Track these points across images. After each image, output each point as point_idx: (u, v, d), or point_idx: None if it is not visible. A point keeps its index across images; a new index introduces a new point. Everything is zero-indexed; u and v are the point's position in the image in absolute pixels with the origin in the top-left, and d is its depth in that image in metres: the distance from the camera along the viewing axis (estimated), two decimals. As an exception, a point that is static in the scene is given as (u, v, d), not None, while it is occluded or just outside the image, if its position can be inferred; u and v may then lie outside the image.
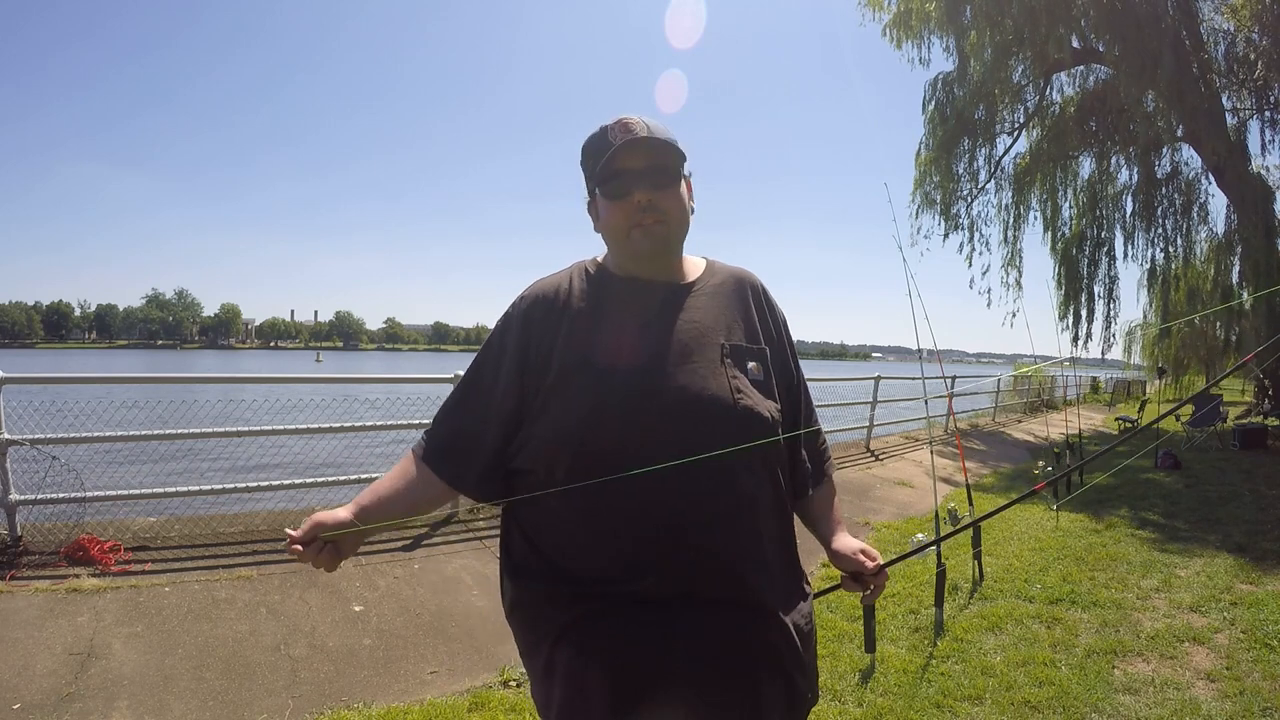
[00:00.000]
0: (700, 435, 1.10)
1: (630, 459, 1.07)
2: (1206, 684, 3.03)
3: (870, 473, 8.07)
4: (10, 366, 4.02)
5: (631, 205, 1.18)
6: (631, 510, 1.09)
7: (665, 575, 1.09)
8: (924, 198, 15.75)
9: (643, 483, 1.07)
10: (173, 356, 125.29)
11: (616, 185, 1.19)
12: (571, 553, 1.13)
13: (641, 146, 1.18)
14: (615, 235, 1.22)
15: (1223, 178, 13.49)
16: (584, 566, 1.12)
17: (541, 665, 1.14)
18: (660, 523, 1.08)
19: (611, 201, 1.20)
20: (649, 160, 1.19)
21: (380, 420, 5.36)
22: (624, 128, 1.19)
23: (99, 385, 4.80)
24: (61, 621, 3.09)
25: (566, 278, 1.27)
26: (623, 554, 1.09)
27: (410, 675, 3.07)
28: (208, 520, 4.45)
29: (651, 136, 1.18)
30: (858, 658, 3.22)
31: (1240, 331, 16.08)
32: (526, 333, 1.21)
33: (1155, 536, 5.56)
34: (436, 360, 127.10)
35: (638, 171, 1.18)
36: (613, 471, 1.07)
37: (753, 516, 1.15)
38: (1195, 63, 12.79)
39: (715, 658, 1.10)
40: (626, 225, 1.19)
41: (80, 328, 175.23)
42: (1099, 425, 16.37)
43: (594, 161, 1.21)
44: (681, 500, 1.09)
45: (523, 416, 1.18)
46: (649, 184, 1.18)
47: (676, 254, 1.28)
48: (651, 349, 1.17)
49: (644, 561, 1.08)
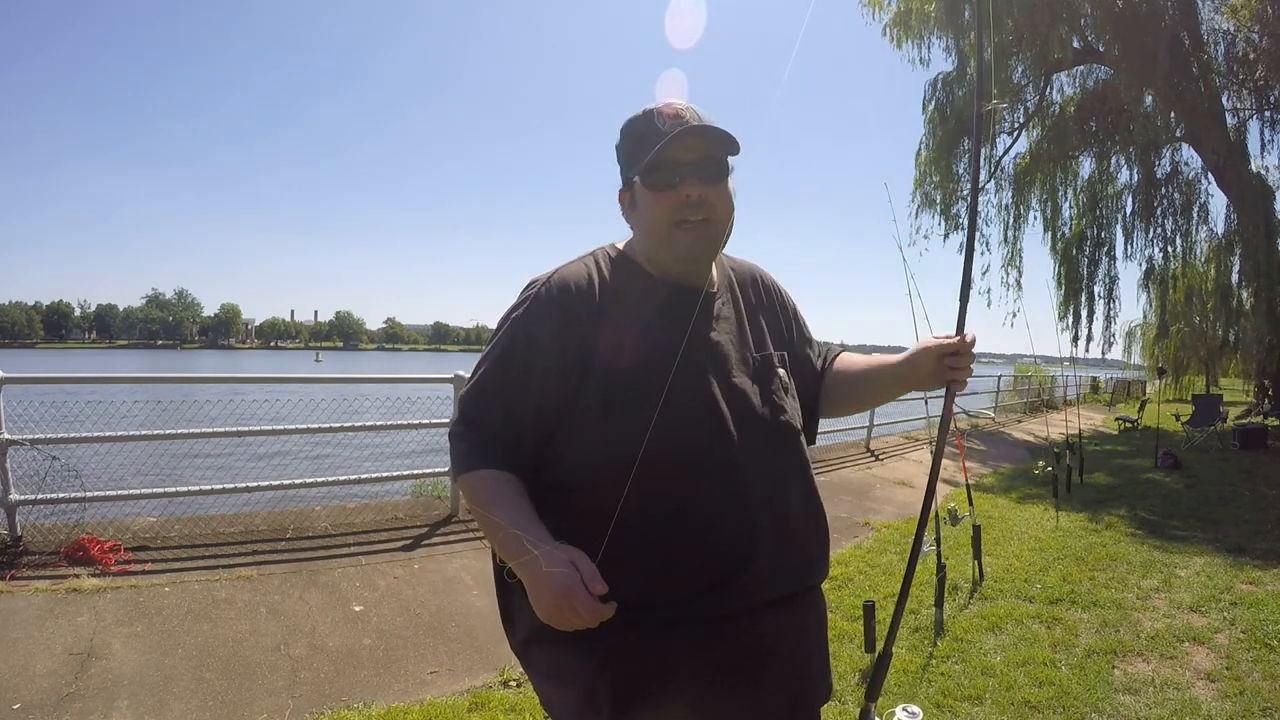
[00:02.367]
0: (753, 450, 1.11)
1: (695, 476, 1.06)
2: (1206, 684, 3.03)
3: (870, 473, 8.07)
4: (10, 366, 4.03)
5: (677, 199, 1.09)
6: (699, 530, 1.06)
7: (732, 592, 1.07)
8: (924, 197, 15.77)
9: (708, 501, 1.06)
10: (173, 356, 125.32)
11: (663, 175, 1.09)
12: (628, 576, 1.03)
13: (696, 136, 1.09)
14: (655, 230, 1.12)
15: (1223, 177, 13.50)
16: (642, 589, 1.05)
17: (582, 692, 1.08)
18: (729, 540, 1.07)
19: (655, 192, 1.11)
20: (702, 152, 1.10)
21: (380, 420, 5.36)
22: (675, 115, 1.10)
23: (99, 385, 4.80)
24: (61, 621, 3.09)
25: (594, 269, 1.16)
26: (694, 574, 1.06)
27: (410, 675, 3.07)
28: (208, 520, 4.45)
29: (708, 125, 1.10)
30: (858, 658, 3.22)
31: (1240, 331, 16.09)
32: (565, 328, 1.10)
33: (1155, 536, 5.55)
34: (436, 360, 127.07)
35: (688, 163, 1.09)
36: (671, 491, 1.05)
37: (803, 525, 1.16)
38: (1195, 63, 12.80)
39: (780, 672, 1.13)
40: (669, 221, 1.10)
41: (80, 328, 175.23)
42: (1099, 425, 16.38)
43: (637, 147, 1.12)
44: (746, 516, 1.08)
45: (558, 422, 1.09)
46: (699, 177, 1.09)
47: (715, 258, 1.21)
48: (699, 361, 1.12)
49: (713, 581, 1.06)
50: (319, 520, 4.61)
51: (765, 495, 1.10)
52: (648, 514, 1.04)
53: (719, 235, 1.14)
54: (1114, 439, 13.88)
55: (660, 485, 1.04)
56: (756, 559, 1.08)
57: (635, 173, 1.13)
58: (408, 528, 4.66)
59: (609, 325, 1.10)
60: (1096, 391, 27.34)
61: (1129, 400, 24.24)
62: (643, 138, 1.11)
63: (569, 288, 1.12)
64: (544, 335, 1.10)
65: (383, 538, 4.45)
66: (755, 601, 1.09)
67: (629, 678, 1.05)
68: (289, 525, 4.45)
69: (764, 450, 1.13)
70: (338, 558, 4.07)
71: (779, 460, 1.16)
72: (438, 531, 4.67)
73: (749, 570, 1.07)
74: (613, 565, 0.99)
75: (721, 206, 1.12)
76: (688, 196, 1.09)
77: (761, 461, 1.12)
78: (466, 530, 4.74)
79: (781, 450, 1.17)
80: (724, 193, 1.12)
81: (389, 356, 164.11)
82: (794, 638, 1.16)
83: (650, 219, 1.12)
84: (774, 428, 1.16)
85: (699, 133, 1.08)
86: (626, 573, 1.02)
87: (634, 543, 1.04)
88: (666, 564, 1.05)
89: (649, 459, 1.02)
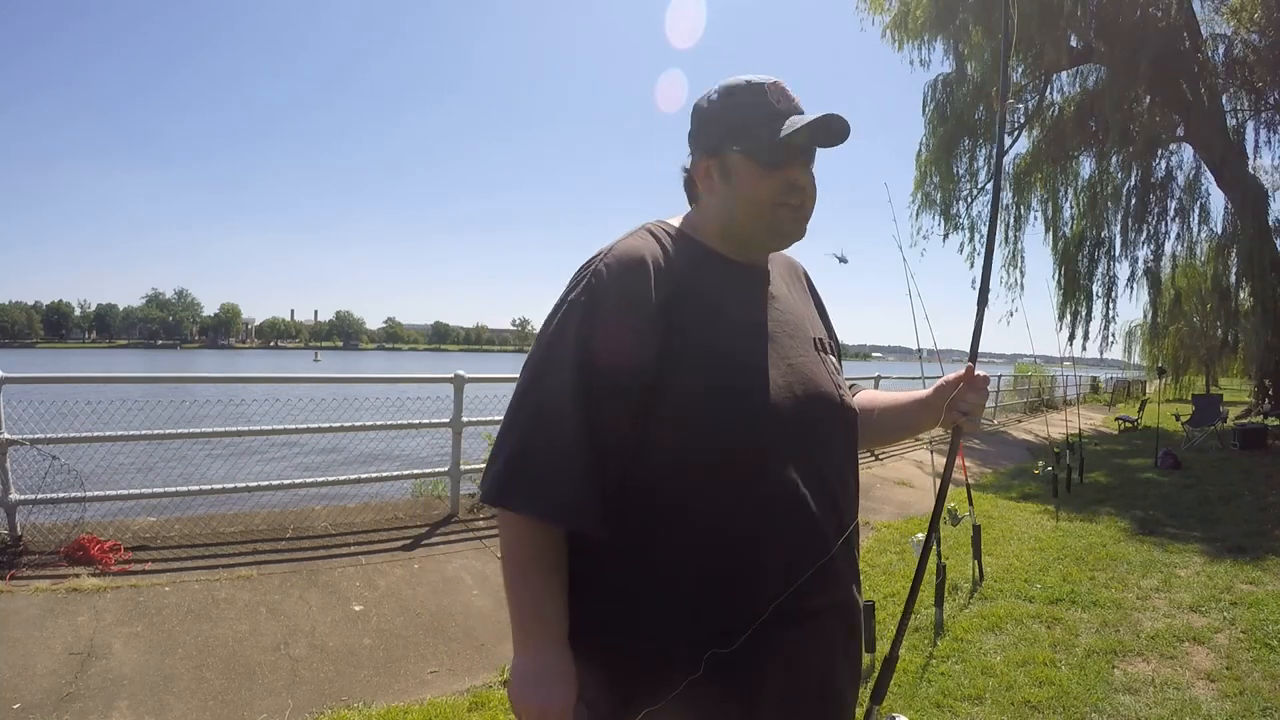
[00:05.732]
0: (822, 435, 1.07)
1: (775, 464, 1.00)
2: (1206, 684, 3.03)
3: (870, 472, 8.07)
4: (10, 366, 4.02)
5: (786, 179, 1.06)
6: (781, 515, 1.00)
7: (813, 586, 1.01)
8: (924, 198, 15.78)
9: (787, 485, 1.01)
10: (173, 356, 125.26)
11: (779, 154, 1.05)
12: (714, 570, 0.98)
13: (822, 120, 1.04)
14: (756, 207, 1.07)
15: (1222, 177, 13.51)
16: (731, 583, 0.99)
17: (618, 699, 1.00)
18: (810, 526, 1.02)
19: (765, 169, 1.06)
20: (815, 138, 1.08)
21: (380, 420, 5.36)
22: (783, 92, 1.07)
23: (99, 385, 4.80)
24: (61, 621, 3.09)
25: (657, 246, 1.07)
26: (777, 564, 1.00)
27: (410, 675, 3.07)
28: (208, 520, 4.45)
29: (834, 114, 1.05)
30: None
31: (1240, 331, 16.09)
32: (634, 315, 0.99)
33: (1155, 536, 5.55)
34: (436, 360, 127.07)
35: (800, 147, 1.07)
36: (757, 475, 0.99)
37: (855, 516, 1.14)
38: (1195, 64, 12.81)
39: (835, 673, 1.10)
40: (773, 200, 1.06)
41: (80, 327, 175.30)
42: (1099, 425, 16.39)
43: (748, 118, 1.06)
44: (819, 505, 1.03)
45: (638, 417, 0.98)
46: (807, 161, 1.08)
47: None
48: (773, 339, 1.09)
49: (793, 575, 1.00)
50: (319, 520, 4.61)
51: (833, 487, 1.07)
52: (713, 510, 0.98)
53: (808, 221, 1.13)
54: (1114, 439, 13.89)
55: (737, 474, 0.98)
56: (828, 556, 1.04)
57: (740, 145, 1.06)
58: (408, 527, 4.66)
59: (686, 307, 1.02)
60: (1096, 391, 27.35)
61: (1129, 400, 24.26)
62: (752, 109, 1.06)
63: (632, 265, 1.02)
64: (612, 322, 0.98)
65: (383, 537, 4.45)
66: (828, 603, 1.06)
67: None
68: (289, 525, 4.45)
69: (833, 436, 1.10)
70: (338, 558, 4.07)
71: (850, 446, 1.15)
72: (438, 531, 4.68)
73: (825, 571, 1.03)
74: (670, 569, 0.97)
75: (814, 194, 1.11)
76: (794, 179, 1.06)
77: (839, 447, 1.11)
78: (466, 530, 4.74)
79: (851, 436, 1.15)
80: (814, 181, 1.11)
81: (389, 356, 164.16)
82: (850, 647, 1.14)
83: (753, 195, 1.06)
84: (842, 412, 1.13)
85: (824, 117, 1.04)
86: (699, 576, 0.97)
87: (711, 544, 0.98)
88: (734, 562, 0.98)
89: (735, 446, 0.98)
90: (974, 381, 1.16)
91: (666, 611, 0.98)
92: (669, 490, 0.98)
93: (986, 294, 1.25)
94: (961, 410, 1.16)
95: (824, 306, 1.31)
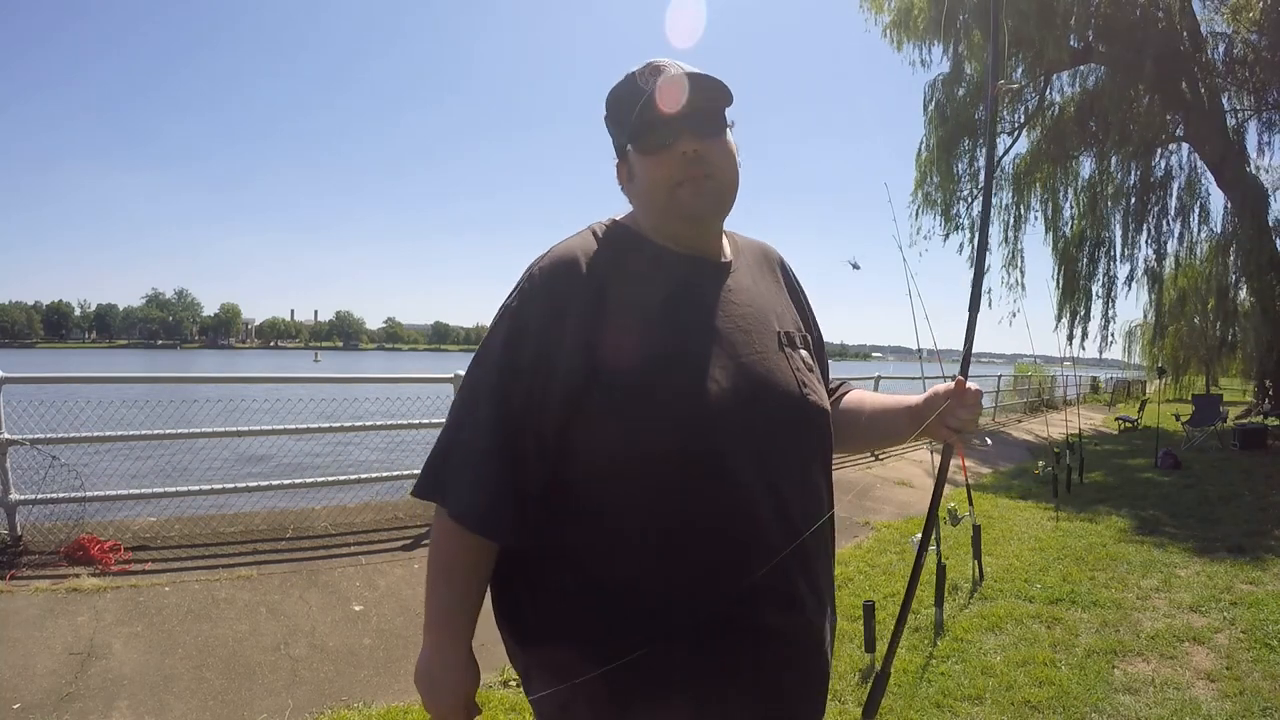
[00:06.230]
0: (773, 435, 1.00)
1: (720, 462, 0.94)
2: (1206, 684, 3.03)
3: (870, 473, 8.07)
4: (10, 366, 4.03)
5: (675, 157, 0.99)
6: (720, 521, 0.95)
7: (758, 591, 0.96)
8: (924, 198, 15.78)
9: (730, 489, 0.95)
10: (173, 356, 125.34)
11: (657, 136, 0.99)
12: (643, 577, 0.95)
13: (681, 85, 0.98)
14: (656, 194, 1.02)
15: (1222, 177, 13.51)
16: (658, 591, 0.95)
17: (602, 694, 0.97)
18: (754, 532, 0.96)
19: (650, 155, 1.01)
20: (692, 104, 0.99)
21: (380, 420, 5.36)
22: (654, 70, 1.00)
23: (99, 385, 4.80)
24: (61, 621, 3.09)
25: (594, 245, 1.03)
26: (712, 571, 0.95)
27: (410, 675, 3.06)
28: (208, 520, 4.45)
29: (692, 72, 1.00)
30: (858, 658, 3.22)
31: (1239, 331, 16.10)
32: (562, 314, 0.96)
33: (1155, 536, 5.55)
34: (436, 360, 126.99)
35: (679, 118, 0.98)
36: (695, 479, 0.93)
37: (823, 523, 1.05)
38: (1195, 64, 12.81)
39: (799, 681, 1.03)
40: (670, 181, 1.00)
41: (80, 327, 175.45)
42: (1099, 425, 16.39)
43: (624, 111, 1.02)
44: (765, 510, 0.97)
45: (568, 415, 0.95)
46: (694, 131, 0.99)
47: (722, 220, 1.09)
48: (719, 336, 1.01)
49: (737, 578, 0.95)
50: (319, 520, 4.61)
51: (790, 487, 1.00)
52: (662, 508, 0.94)
53: (725, 191, 1.03)
54: (1114, 439, 13.89)
55: (677, 473, 0.93)
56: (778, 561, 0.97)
57: (625, 139, 1.04)
58: (408, 527, 4.66)
59: (615, 304, 0.98)
60: (1096, 391, 27.35)
61: (1129, 400, 24.26)
62: (629, 99, 1.01)
63: (562, 268, 1.00)
64: (536, 327, 0.97)
65: (383, 537, 4.46)
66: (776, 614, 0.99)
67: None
68: (289, 525, 4.45)
69: (790, 433, 1.02)
70: (338, 557, 4.07)
71: (814, 446, 1.06)
72: (438, 531, 4.67)
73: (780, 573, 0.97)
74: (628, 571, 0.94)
75: (723, 162, 1.02)
76: (684, 153, 0.99)
77: (798, 448, 1.03)
78: (466, 530, 4.74)
79: (815, 435, 1.06)
80: (724, 147, 1.02)
81: (389, 356, 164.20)
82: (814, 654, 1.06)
83: (650, 184, 1.02)
84: (805, 408, 1.04)
85: (683, 81, 0.98)
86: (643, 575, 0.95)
87: (651, 546, 0.94)
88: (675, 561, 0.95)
89: (672, 445, 0.93)
90: (964, 396, 1.06)
91: (586, 617, 0.96)
92: (593, 495, 0.96)
93: (978, 302, 1.16)
94: (951, 426, 1.07)
95: (802, 297, 1.22)
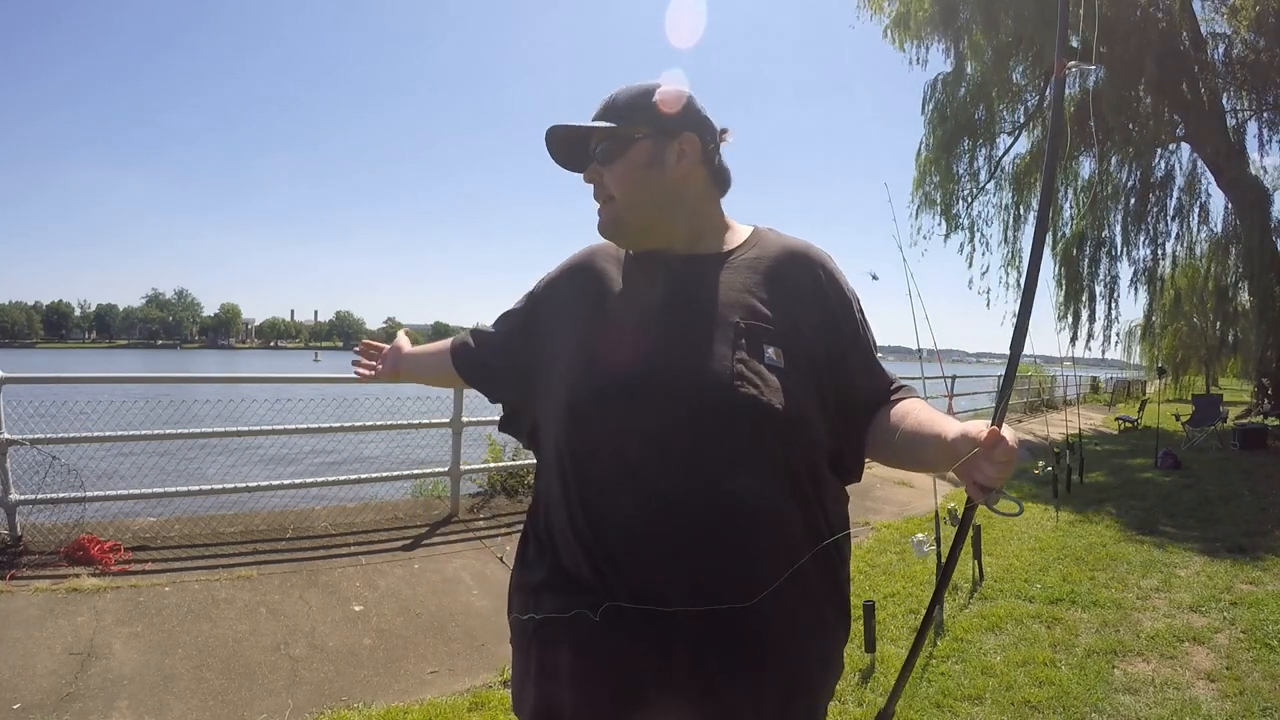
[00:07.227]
0: (689, 429, 0.99)
1: (609, 453, 1.01)
2: (1206, 684, 3.03)
3: (870, 472, 7.98)
4: (10, 366, 4.03)
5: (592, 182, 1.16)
6: (600, 510, 1.02)
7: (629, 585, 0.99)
8: (924, 198, 15.75)
9: (611, 482, 1.01)
10: (173, 356, 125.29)
11: (576, 165, 1.17)
12: (560, 546, 1.07)
13: (554, 137, 1.14)
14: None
15: (1222, 177, 13.50)
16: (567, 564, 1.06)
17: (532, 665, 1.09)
18: (624, 525, 1.00)
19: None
20: (595, 137, 1.13)
21: (380, 420, 5.36)
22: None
23: (99, 385, 4.80)
24: (61, 621, 3.09)
25: (596, 248, 1.22)
26: (590, 556, 1.02)
27: (410, 675, 3.06)
28: (208, 520, 4.45)
29: (559, 125, 1.13)
30: (858, 658, 3.22)
31: (1239, 331, 16.09)
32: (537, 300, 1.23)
33: (1155, 536, 5.55)
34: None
35: (593, 148, 1.13)
36: (597, 466, 1.03)
37: (745, 522, 0.98)
38: (1195, 64, 12.80)
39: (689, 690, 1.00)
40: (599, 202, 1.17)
41: (80, 328, 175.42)
42: (1099, 425, 16.39)
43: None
44: (650, 501, 0.98)
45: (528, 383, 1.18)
46: (595, 160, 1.13)
47: (652, 229, 1.12)
48: (646, 329, 1.06)
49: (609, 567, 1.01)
50: (319, 520, 4.61)
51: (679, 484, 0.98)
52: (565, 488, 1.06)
53: (624, 211, 1.12)
54: (1114, 439, 13.89)
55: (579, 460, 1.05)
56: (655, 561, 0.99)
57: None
58: (408, 528, 4.67)
59: (569, 301, 1.17)
60: (1096, 391, 27.35)
61: (1129, 400, 24.26)
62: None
63: (570, 264, 1.23)
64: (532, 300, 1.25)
65: (383, 538, 4.46)
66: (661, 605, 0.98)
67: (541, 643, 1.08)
68: (289, 525, 4.45)
69: (704, 430, 0.99)
70: (338, 558, 4.07)
71: (746, 444, 1.00)
72: (438, 531, 4.68)
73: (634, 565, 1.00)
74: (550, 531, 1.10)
75: (617, 184, 1.11)
76: (589, 179, 1.15)
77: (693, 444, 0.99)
78: (467, 530, 4.74)
79: (732, 432, 0.99)
80: (618, 170, 1.11)
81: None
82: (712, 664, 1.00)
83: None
84: (733, 403, 0.99)
85: (554, 133, 1.14)
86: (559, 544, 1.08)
87: (562, 512, 1.07)
88: (572, 539, 1.04)
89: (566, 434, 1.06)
90: (993, 452, 0.85)
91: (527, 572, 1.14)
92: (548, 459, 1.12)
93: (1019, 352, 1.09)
94: (978, 481, 0.88)
95: (832, 301, 1.13)
